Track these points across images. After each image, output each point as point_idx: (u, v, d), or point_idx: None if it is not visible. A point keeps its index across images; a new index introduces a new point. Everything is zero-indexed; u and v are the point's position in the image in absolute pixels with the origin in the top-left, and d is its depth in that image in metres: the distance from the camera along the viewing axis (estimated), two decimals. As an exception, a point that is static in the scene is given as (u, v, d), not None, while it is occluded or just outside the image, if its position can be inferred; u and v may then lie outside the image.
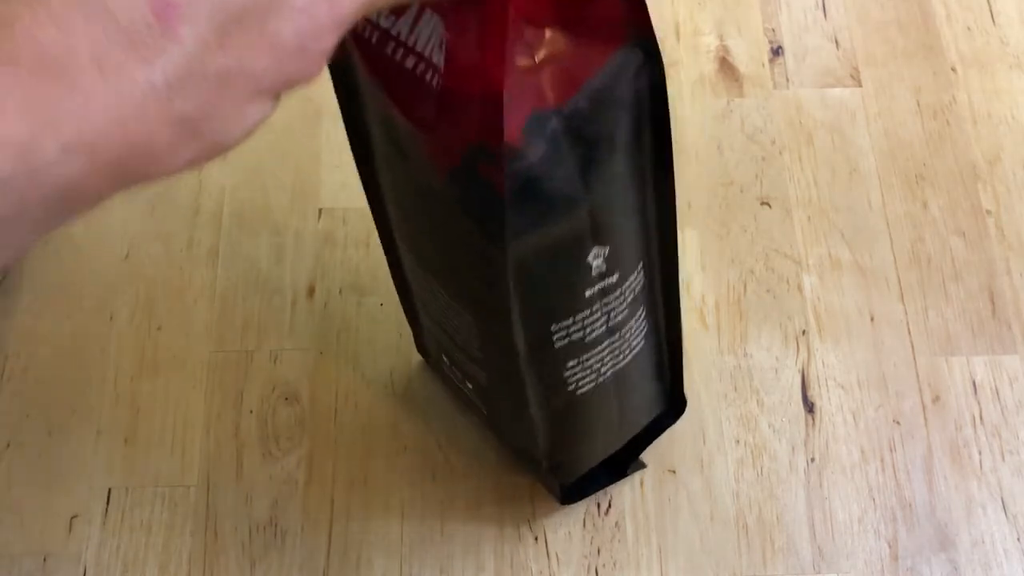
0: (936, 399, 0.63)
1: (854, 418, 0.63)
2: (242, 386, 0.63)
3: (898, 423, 0.63)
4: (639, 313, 0.50)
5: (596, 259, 0.45)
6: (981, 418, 0.63)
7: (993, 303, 0.66)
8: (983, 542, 0.59)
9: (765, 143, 0.72)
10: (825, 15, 0.77)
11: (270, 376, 0.64)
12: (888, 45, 0.75)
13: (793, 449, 0.62)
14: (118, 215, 0.69)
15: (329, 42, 0.30)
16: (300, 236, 0.68)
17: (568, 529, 0.59)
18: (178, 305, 0.66)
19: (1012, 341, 0.65)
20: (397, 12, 0.41)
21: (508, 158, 0.40)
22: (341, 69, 0.46)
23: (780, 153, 0.71)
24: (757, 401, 0.63)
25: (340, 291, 0.66)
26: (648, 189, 0.46)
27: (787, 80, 0.74)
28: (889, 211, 0.69)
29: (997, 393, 0.64)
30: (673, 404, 0.58)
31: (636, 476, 0.61)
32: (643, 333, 0.51)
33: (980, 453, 0.62)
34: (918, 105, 0.73)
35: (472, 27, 0.39)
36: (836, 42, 0.76)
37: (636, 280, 0.48)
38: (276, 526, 0.59)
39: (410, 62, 0.41)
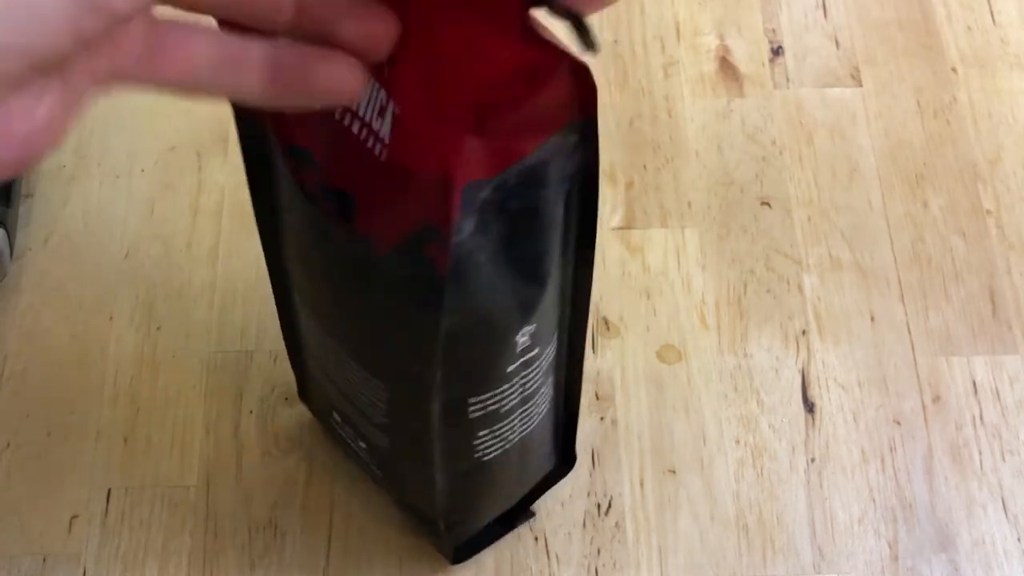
0: (936, 399, 0.63)
1: (854, 418, 0.63)
2: (242, 386, 0.63)
3: (898, 423, 0.63)
4: (548, 381, 0.50)
5: (522, 336, 0.44)
6: (981, 418, 0.63)
7: (993, 303, 0.66)
8: (983, 542, 0.59)
9: (765, 143, 0.72)
10: (825, 15, 0.77)
11: (270, 376, 0.64)
12: (888, 45, 0.75)
13: (793, 449, 0.62)
14: (118, 215, 0.69)
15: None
16: (300, 236, 0.68)
17: (568, 529, 0.59)
18: (178, 305, 0.66)
19: (1012, 341, 0.65)
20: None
21: (452, 236, 0.38)
22: (252, 134, 0.44)
23: (780, 153, 0.71)
24: (757, 401, 0.63)
25: (340, 291, 0.66)
26: (569, 267, 0.44)
27: (787, 80, 0.74)
28: (889, 211, 0.69)
29: (997, 393, 0.64)
30: (564, 459, 0.57)
31: (636, 477, 0.61)
32: (549, 399, 0.51)
33: (980, 453, 0.62)
34: (918, 105, 0.73)
35: (422, 101, 0.36)
36: (836, 42, 0.76)
37: (551, 350, 0.48)
38: (276, 526, 0.59)
39: (356, 126, 0.38)
